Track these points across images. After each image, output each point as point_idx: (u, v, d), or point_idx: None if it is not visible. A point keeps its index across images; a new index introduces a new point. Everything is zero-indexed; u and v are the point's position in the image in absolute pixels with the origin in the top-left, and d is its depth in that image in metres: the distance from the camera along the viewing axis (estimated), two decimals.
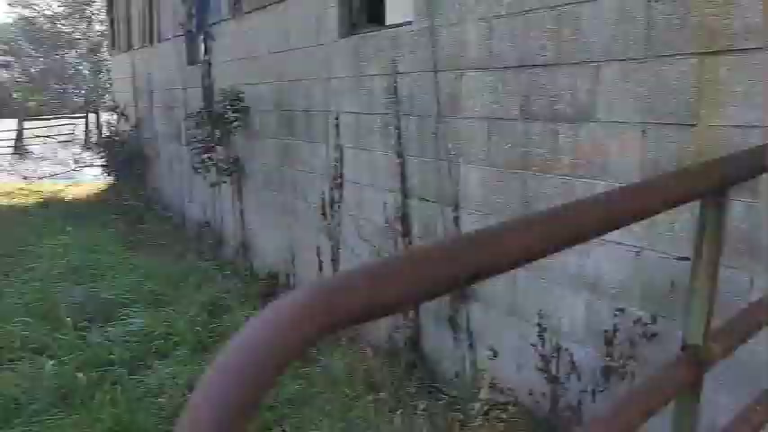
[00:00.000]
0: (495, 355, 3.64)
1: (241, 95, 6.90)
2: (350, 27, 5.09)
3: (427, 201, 4.26)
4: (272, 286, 6.45)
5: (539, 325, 3.38)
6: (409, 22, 4.28)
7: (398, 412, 3.89)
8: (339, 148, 5.23)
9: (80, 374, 4.54)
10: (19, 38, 33.23)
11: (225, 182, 7.51)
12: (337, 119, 5.22)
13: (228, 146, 7.40)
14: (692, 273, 1.30)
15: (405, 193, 4.46)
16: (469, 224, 3.92)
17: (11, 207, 12.01)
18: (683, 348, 1.34)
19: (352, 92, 4.99)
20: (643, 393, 1.27)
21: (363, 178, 4.96)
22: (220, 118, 7.19)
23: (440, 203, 4.15)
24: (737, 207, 2.47)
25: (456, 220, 4.01)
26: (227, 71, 7.50)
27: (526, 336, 3.53)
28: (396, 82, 4.43)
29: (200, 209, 8.87)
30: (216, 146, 7.46)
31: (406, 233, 4.47)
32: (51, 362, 4.70)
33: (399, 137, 4.44)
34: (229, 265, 7.48)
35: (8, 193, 12.93)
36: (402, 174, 4.46)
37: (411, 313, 4.50)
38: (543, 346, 3.33)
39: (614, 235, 2.98)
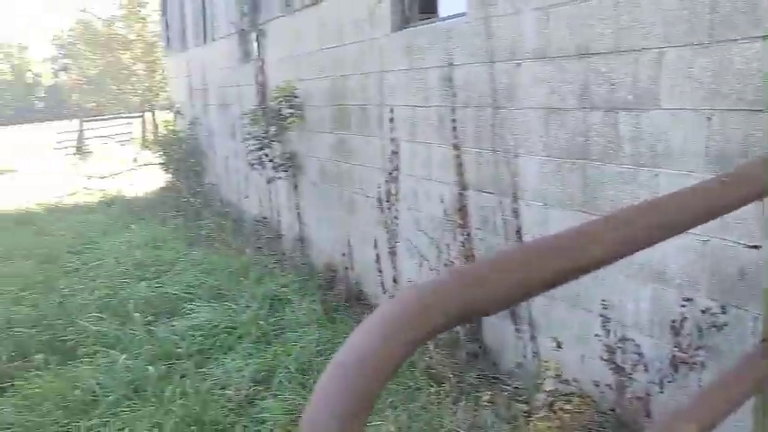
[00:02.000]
0: (560, 346, 3.63)
1: (295, 91, 6.99)
2: (403, 20, 5.11)
3: (485, 192, 4.26)
4: (330, 279, 6.54)
5: (602, 315, 3.35)
6: (463, 14, 4.27)
7: (461, 403, 3.91)
8: (394, 141, 5.27)
9: (150, 368, 4.72)
10: (77, 41, 34.33)
11: (281, 177, 7.64)
12: (392, 112, 5.25)
13: (284, 142, 7.52)
14: (766, 267, 1.28)
15: (462, 186, 4.46)
16: (529, 215, 3.91)
17: (76, 206, 12.47)
18: (764, 341, 1.33)
19: (406, 85, 5.02)
20: (723, 387, 1.27)
21: (419, 171, 4.99)
22: (275, 114, 7.30)
23: (498, 195, 4.14)
24: None
25: (515, 211, 4.00)
26: (280, 68, 7.61)
27: (589, 326, 3.50)
28: (451, 74, 4.43)
29: (257, 204, 9.04)
30: (271, 142, 7.59)
31: (465, 225, 4.48)
32: (123, 356, 4.89)
33: (455, 129, 4.45)
34: (287, 259, 7.61)
35: (73, 193, 13.42)
36: (459, 166, 4.46)
37: None
38: (608, 336, 3.31)
39: None
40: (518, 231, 4.02)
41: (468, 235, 4.46)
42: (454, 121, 4.44)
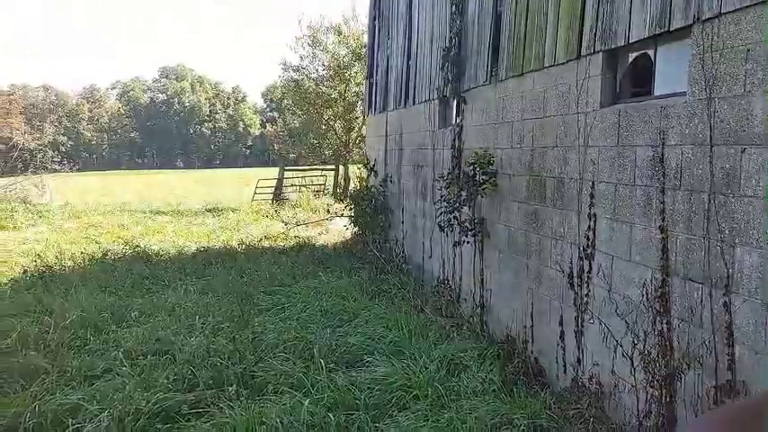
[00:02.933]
0: None
1: (492, 159, 7.07)
2: (613, 96, 5.01)
3: (692, 281, 3.98)
4: (508, 350, 6.41)
5: None
6: (683, 93, 4.11)
7: None
8: (592, 217, 5.12)
9: (331, 415, 4.86)
10: (286, 97, 37.46)
11: (467, 242, 7.69)
12: (593, 187, 5.12)
13: (474, 207, 7.59)
14: None
15: (665, 271, 4.21)
16: (744, 312, 3.59)
17: (272, 249, 13.40)
18: None
19: (611, 161, 4.88)
20: None
21: (618, 251, 4.79)
22: (468, 179, 7.42)
23: (707, 285, 3.85)
24: None
25: (726, 305, 3.69)
26: (477, 134, 7.75)
27: None
28: (662, 154, 4.25)
29: (439, 265, 9.15)
30: (462, 206, 7.70)
31: (665, 313, 4.20)
32: (307, 400, 5.09)
33: (663, 211, 4.23)
34: (465, 324, 7.58)
35: (271, 237, 14.45)
36: (664, 250, 4.22)
37: (665, 398, 4.19)
38: None
39: None
40: (728, 327, 3.70)
41: (669, 324, 4.18)
42: (663, 202, 4.24)
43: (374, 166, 13.63)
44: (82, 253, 12.09)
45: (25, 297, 8.57)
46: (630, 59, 4.98)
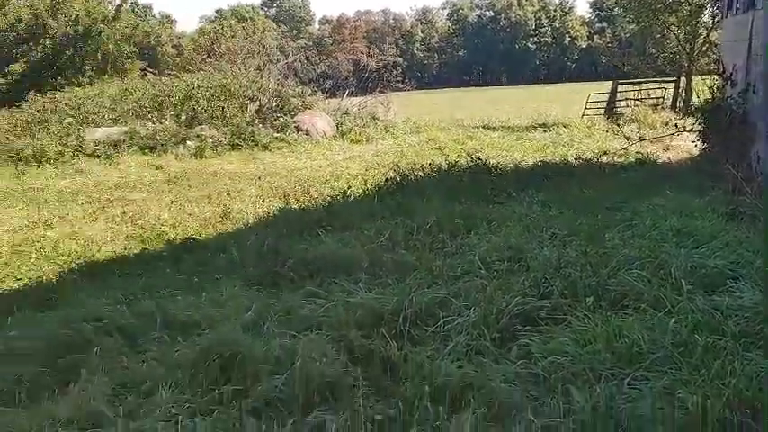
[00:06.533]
0: None
1: None
2: None
3: None
4: None
5: None
6: None
7: None
8: None
9: (697, 336, 4.65)
10: (619, 4, 35.11)
11: None
12: None
13: None
14: None
15: None
16: None
17: (611, 165, 12.99)
18: None
19: None
20: None
21: None
22: None
23: None
24: None
25: None
26: None
27: None
28: None
29: None
30: None
31: None
32: (672, 319, 4.93)
33: None
34: None
35: (608, 152, 13.99)
36: None
37: None
38: None
39: None
40: None
41: None
42: None
43: (731, 74, 12.17)
44: (430, 164, 13.08)
45: (389, 201, 9.62)
46: None
